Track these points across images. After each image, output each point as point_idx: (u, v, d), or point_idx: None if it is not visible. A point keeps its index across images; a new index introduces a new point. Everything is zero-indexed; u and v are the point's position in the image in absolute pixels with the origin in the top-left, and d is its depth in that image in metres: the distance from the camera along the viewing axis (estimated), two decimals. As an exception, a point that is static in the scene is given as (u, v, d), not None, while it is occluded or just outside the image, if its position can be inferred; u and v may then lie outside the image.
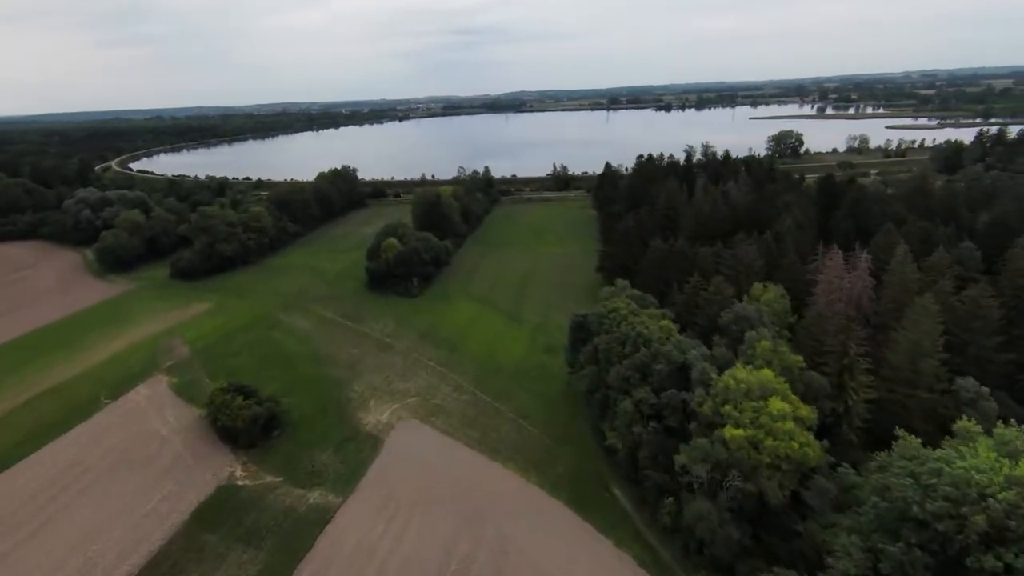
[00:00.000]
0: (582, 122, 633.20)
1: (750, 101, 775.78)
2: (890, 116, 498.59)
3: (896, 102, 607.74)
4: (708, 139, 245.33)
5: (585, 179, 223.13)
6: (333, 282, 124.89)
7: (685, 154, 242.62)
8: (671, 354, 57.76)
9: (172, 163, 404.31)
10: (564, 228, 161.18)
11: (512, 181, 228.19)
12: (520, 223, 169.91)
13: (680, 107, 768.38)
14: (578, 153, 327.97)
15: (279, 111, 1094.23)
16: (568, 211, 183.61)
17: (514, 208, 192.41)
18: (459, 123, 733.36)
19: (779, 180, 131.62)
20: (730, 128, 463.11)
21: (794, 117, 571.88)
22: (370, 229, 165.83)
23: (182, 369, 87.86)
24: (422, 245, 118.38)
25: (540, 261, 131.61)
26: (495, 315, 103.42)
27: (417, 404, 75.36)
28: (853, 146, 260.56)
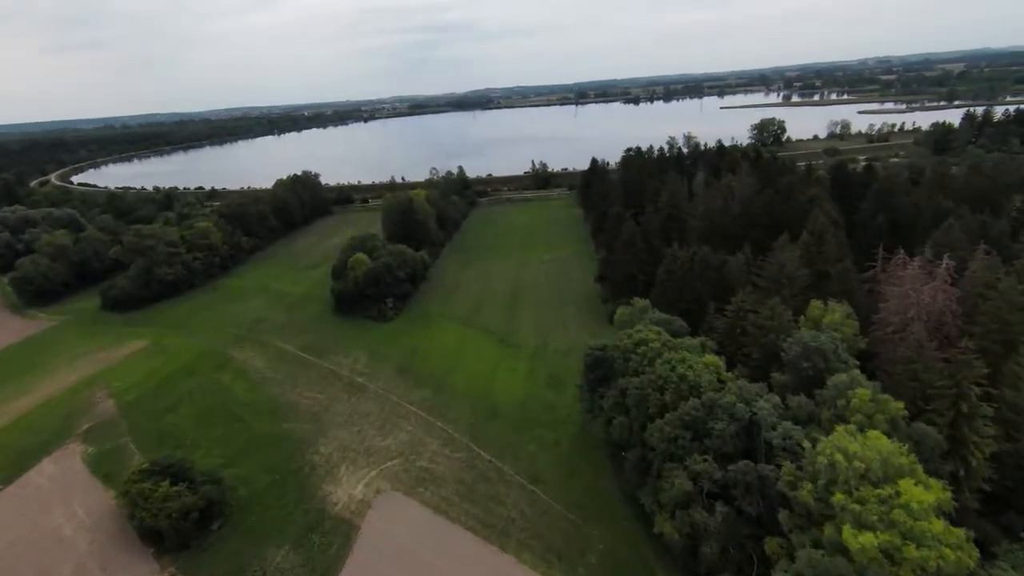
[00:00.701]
0: (551, 117, 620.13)
1: (717, 91, 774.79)
2: (857, 102, 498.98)
3: (859, 88, 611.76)
4: (688, 129, 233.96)
5: (566, 176, 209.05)
6: (295, 307, 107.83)
7: (667, 145, 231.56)
8: (735, 408, 43.75)
9: (120, 174, 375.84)
10: (551, 231, 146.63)
11: (488, 181, 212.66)
12: (502, 227, 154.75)
13: (648, 99, 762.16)
14: (553, 149, 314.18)
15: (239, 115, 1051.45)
16: (552, 211, 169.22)
17: (493, 210, 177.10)
18: (426, 122, 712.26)
19: (795, 171, 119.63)
20: (704, 118, 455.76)
21: (764, 106, 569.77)
22: (336, 240, 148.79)
23: (103, 433, 70.39)
24: (396, 260, 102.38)
25: (529, 271, 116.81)
26: (485, 340, 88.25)
27: (399, 469, 59.89)
28: (835, 132, 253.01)
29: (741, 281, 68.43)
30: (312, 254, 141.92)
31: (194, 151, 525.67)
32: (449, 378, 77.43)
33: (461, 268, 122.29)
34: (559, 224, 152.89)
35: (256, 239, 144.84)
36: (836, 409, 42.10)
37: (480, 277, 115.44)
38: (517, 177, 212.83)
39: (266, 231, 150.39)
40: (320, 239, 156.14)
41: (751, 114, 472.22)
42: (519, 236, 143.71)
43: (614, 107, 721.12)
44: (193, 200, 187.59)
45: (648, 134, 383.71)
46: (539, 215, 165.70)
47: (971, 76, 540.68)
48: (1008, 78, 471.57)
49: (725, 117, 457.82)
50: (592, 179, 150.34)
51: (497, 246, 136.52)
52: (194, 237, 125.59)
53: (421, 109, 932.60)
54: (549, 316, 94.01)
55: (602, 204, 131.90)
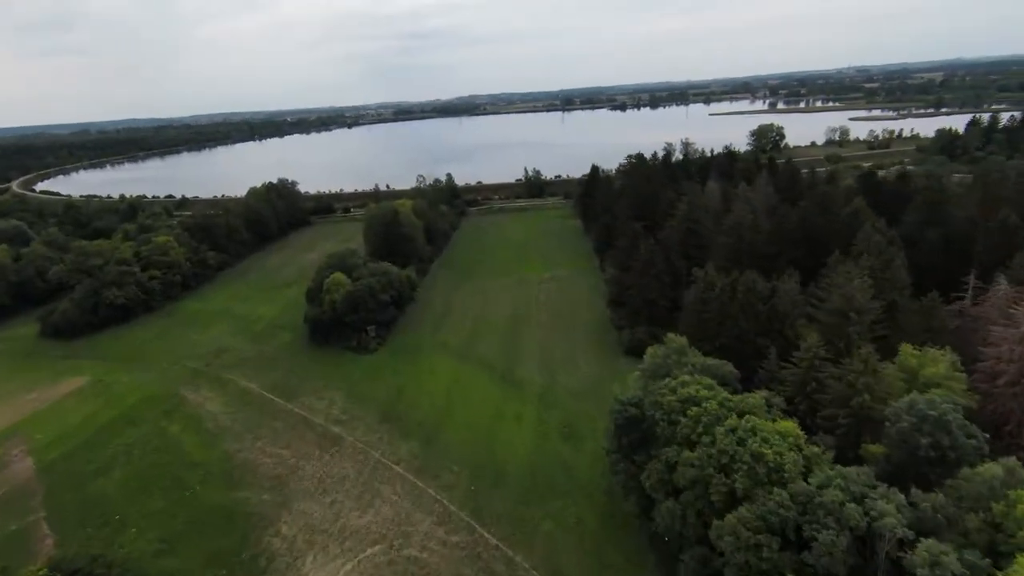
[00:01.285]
0: (538, 123, 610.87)
1: (703, 98, 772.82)
2: (845, 108, 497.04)
3: (844, 95, 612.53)
4: (685, 135, 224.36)
5: (560, 184, 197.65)
6: (263, 335, 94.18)
7: (664, 152, 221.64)
8: (843, 512, 31.66)
9: (90, 181, 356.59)
10: (549, 244, 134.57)
11: (479, 189, 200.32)
12: (496, 240, 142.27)
13: (635, 106, 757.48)
14: (544, 155, 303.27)
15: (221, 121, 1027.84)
16: (548, 222, 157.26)
17: (485, 221, 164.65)
18: (411, 128, 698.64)
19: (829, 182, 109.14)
20: (695, 125, 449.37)
21: (752, 112, 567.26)
22: (314, 255, 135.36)
23: (9, 507, 56.33)
24: (379, 280, 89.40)
25: (529, 291, 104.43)
26: (483, 376, 75.61)
27: (382, 560, 46.89)
28: (833, 138, 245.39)
29: (794, 314, 56.84)
30: (287, 271, 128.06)
31: (172, 157, 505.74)
32: (442, 428, 64.60)
33: (453, 288, 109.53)
34: (557, 236, 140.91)
35: (225, 254, 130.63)
36: (987, 515, 30.22)
37: (474, 299, 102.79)
38: (509, 185, 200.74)
39: (236, 245, 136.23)
40: (296, 253, 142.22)
41: (740, 121, 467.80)
42: (515, 250, 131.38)
43: (601, 114, 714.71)
44: (159, 210, 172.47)
45: (641, 140, 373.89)
46: (534, 226, 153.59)
47: (953, 84, 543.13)
48: (991, 86, 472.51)
49: (715, 123, 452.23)
50: (593, 188, 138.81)
51: (491, 262, 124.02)
52: (152, 253, 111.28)
53: (406, 115, 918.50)
54: (555, 346, 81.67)
55: (605, 215, 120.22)
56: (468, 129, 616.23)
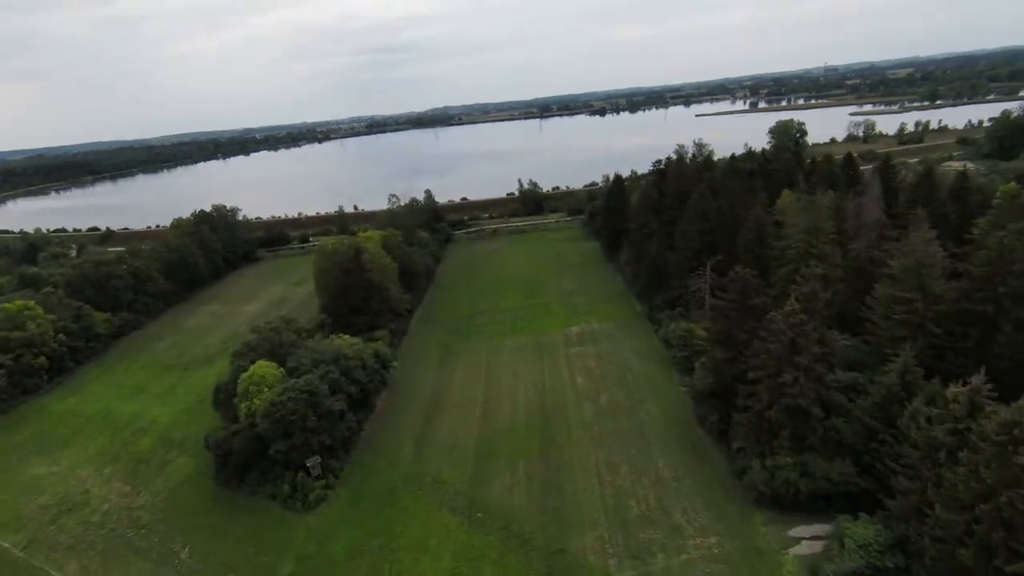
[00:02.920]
0: (517, 131, 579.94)
1: (682, 100, 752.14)
2: (831, 105, 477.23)
3: (827, 93, 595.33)
4: (699, 136, 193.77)
5: (560, 197, 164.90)
6: (147, 464, 58.52)
7: (675, 156, 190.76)
8: None
9: (25, 211, 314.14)
10: (566, 279, 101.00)
11: (465, 207, 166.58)
12: (494, 276, 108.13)
13: (614, 111, 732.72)
14: (533, 164, 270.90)
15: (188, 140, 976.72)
16: (555, 246, 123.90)
17: (477, 249, 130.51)
18: (386, 140, 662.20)
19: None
20: (684, 126, 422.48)
21: (738, 112, 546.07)
22: (255, 307, 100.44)
23: None
24: (330, 376, 54.88)
25: (556, 362, 70.48)
26: (513, 561, 41.46)
27: None
28: (856, 134, 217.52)
29: None
30: (212, 335, 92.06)
31: (125, 181, 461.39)
32: None
33: (442, 360, 75.08)
34: (573, 267, 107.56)
35: (129, 313, 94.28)
36: None
37: (476, 380, 68.41)
38: (500, 201, 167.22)
39: (148, 299, 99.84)
40: (231, 306, 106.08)
41: (729, 121, 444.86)
42: (523, 291, 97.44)
43: (580, 119, 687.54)
44: (59, 252, 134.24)
45: (636, 143, 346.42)
46: (540, 252, 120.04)
47: (936, 78, 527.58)
48: (978, 77, 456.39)
49: (706, 124, 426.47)
50: (619, 202, 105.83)
51: (493, 312, 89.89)
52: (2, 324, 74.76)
53: (380, 128, 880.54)
54: (626, 484, 47.83)
55: (644, 241, 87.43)
56: (445, 139, 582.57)
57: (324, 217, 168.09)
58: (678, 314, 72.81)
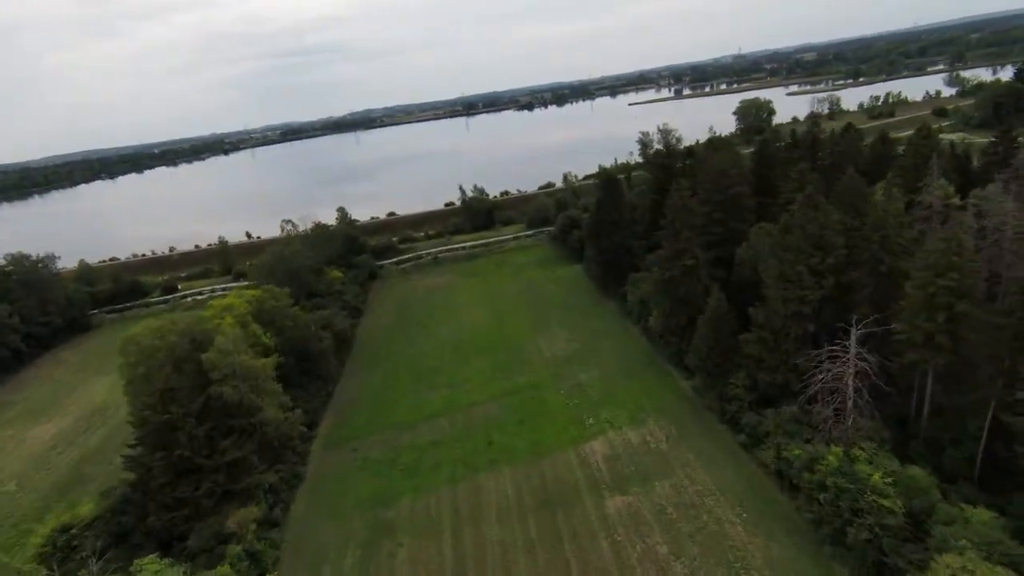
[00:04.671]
0: (443, 131, 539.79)
1: (607, 92, 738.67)
2: (760, 87, 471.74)
3: (748, 77, 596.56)
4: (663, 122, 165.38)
5: (512, 203, 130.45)
6: None
7: (640, 145, 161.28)
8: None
9: None
10: (554, 332, 66.55)
11: (393, 225, 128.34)
12: (443, 338, 71.28)
13: (542, 105, 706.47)
14: (465, 166, 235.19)
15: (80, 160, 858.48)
16: (523, 275, 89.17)
17: (413, 287, 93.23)
18: (301, 148, 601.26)
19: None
20: (621, 116, 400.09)
21: (666, 100, 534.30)
22: (51, 429, 58.69)
23: None
24: None
25: (595, 549, 35.81)
26: None
27: None
28: (819, 111, 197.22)
29: None
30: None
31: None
32: None
33: (373, 546, 38.47)
34: (557, 310, 73.33)
35: None
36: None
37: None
38: (438, 214, 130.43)
39: None
40: (9, 432, 63.40)
41: (664, 108, 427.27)
42: (491, 364, 61.87)
43: (508, 115, 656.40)
44: None
45: (578, 136, 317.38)
46: (503, 287, 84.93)
47: (847, 58, 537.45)
48: (894, 53, 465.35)
49: (639, 113, 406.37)
50: (614, 211, 71.90)
51: (450, 417, 53.78)
52: None
53: (295, 135, 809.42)
54: None
55: (686, 278, 54.08)
56: (367, 143, 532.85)
57: (202, 253, 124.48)
58: (790, 419, 40.22)
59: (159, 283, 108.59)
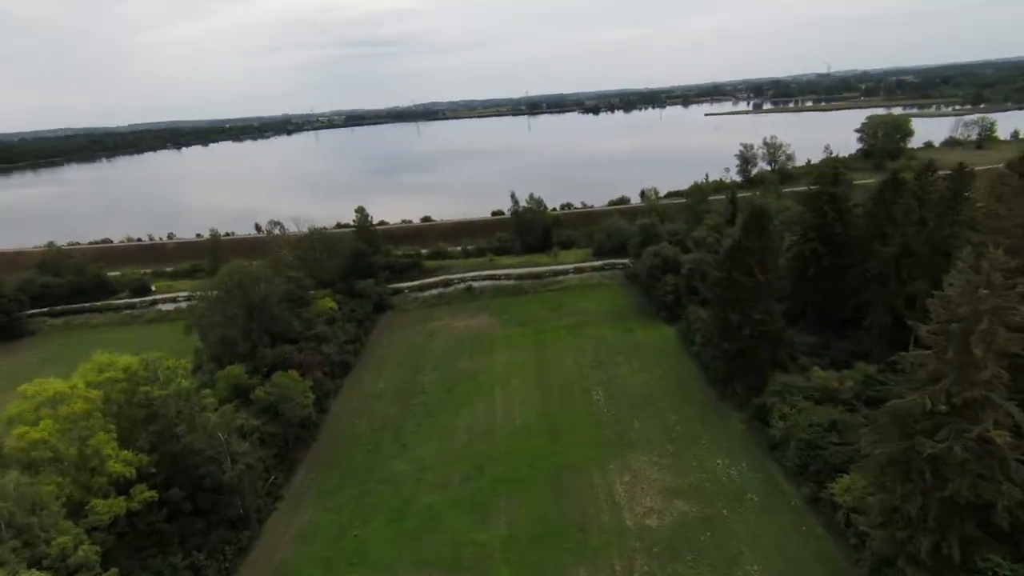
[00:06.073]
0: (504, 128, 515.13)
1: (679, 101, 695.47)
2: (855, 107, 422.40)
3: (837, 95, 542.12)
4: (771, 135, 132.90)
5: (574, 219, 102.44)
6: None
7: (739, 160, 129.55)
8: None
9: None
10: (644, 473, 37.99)
11: (425, 233, 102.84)
12: (455, 448, 43.80)
13: (608, 109, 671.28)
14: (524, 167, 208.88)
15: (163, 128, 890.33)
16: (589, 333, 60.87)
17: (433, 334, 66.39)
18: (362, 134, 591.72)
19: None
20: (700, 127, 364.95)
21: (746, 113, 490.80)
22: None
23: None
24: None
25: None
26: None
27: None
28: (963, 137, 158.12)
29: None
30: None
31: (48, 171, 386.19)
32: None
33: None
34: (646, 418, 44.72)
35: None
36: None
37: None
38: (482, 225, 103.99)
39: None
40: None
41: (741, 121, 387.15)
42: (524, 547, 33.98)
43: (571, 118, 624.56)
44: None
45: (653, 144, 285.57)
46: (560, 362, 56.51)
47: (959, 82, 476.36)
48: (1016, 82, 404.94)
49: (718, 124, 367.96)
50: (749, 264, 42.64)
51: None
52: None
53: (359, 121, 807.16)
54: None
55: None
56: (427, 135, 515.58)
57: (203, 244, 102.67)
58: None
59: (132, 280, 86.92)
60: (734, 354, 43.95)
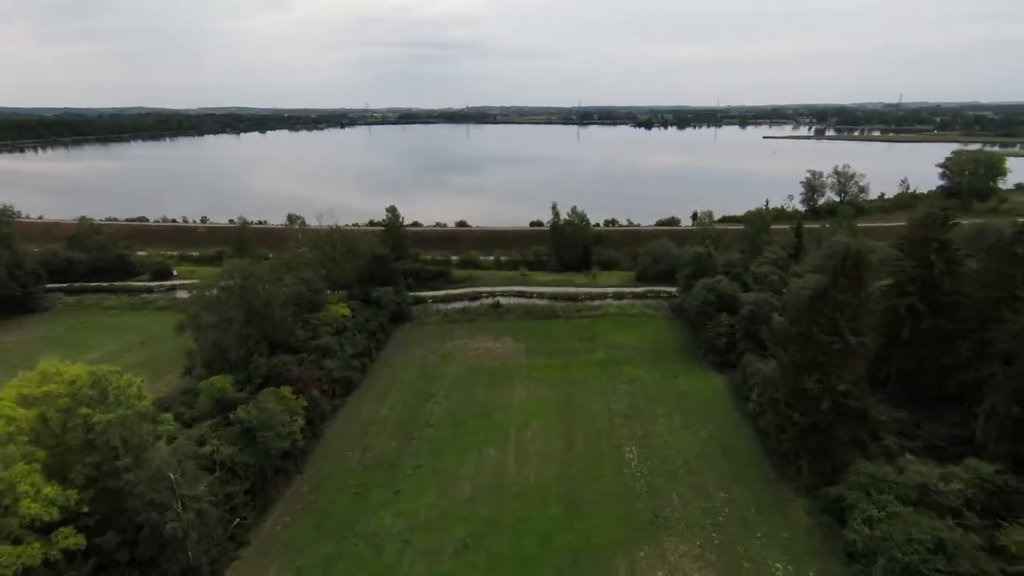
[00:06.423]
0: (553, 136, 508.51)
1: (736, 121, 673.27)
2: (921, 140, 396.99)
3: (908, 127, 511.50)
4: (842, 164, 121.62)
5: (617, 238, 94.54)
6: None
7: (805, 188, 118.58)
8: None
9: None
10: (680, 566, 30.20)
11: (458, 239, 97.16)
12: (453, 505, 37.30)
13: (661, 125, 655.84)
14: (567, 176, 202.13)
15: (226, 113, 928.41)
16: (625, 378, 53.26)
17: (449, 354, 60.14)
18: (413, 132, 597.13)
19: None
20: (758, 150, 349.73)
21: (806, 138, 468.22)
22: None
23: None
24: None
25: None
26: None
27: None
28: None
29: None
30: None
31: (119, 146, 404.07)
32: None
33: None
34: (689, 494, 36.86)
35: None
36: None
37: None
38: (516, 236, 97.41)
39: None
40: None
41: (802, 146, 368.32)
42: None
43: (623, 131, 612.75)
44: None
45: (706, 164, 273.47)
46: (588, 407, 49.30)
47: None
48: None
49: (776, 147, 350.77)
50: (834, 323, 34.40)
51: None
52: None
53: (411, 119, 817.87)
54: None
55: None
56: (476, 137, 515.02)
57: (233, 230, 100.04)
58: None
59: (155, 262, 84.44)
60: (805, 428, 35.56)
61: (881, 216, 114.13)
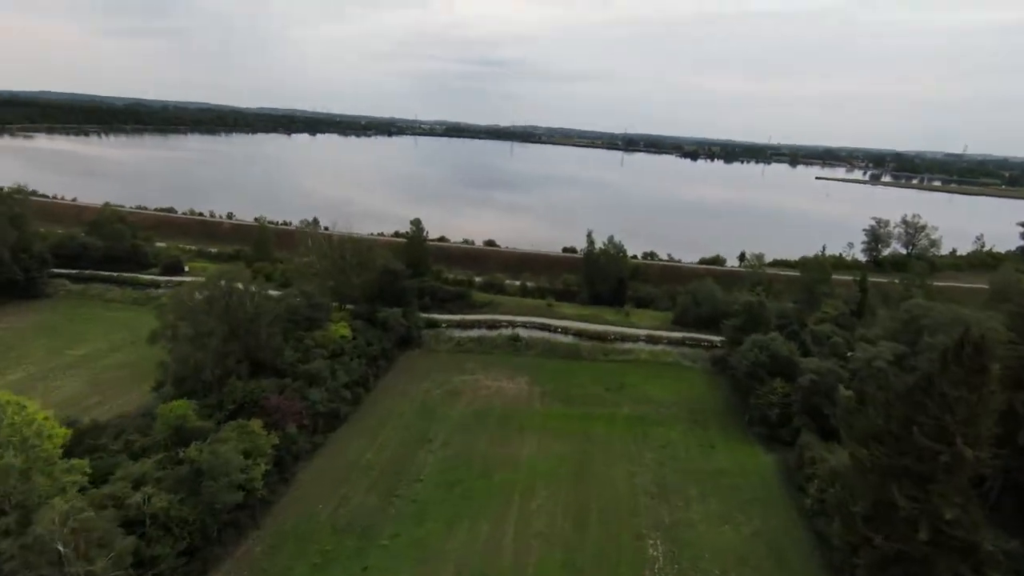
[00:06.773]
0: (597, 161, 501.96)
1: (787, 159, 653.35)
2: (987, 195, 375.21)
3: (972, 179, 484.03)
4: (910, 213, 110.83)
5: (656, 273, 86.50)
6: None
7: (868, 236, 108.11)
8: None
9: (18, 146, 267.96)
10: None
11: (484, 259, 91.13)
12: None
13: (708, 157, 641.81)
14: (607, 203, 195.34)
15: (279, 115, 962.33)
16: (654, 444, 45.50)
17: (456, 391, 53.70)
18: (458, 145, 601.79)
19: None
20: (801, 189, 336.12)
21: (861, 182, 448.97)
22: None
23: None
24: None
25: None
26: None
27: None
28: None
29: None
30: None
31: (177, 137, 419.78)
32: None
33: None
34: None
35: None
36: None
37: None
38: (546, 261, 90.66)
39: None
40: None
41: (858, 191, 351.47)
42: None
43: (668, 160, 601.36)
44: None
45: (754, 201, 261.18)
46: (609, 475, 41.75)
47: None
48: None
49: (830, 190, 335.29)
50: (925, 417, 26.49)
51: None
52: None
53: (457, 133, 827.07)
54: None
55: None
56: (519, 155, 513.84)
57: (247, 228, 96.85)
58: None
59: (168, 256, 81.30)
60: (889, 555, 27.17)
61: (952, 275, 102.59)
